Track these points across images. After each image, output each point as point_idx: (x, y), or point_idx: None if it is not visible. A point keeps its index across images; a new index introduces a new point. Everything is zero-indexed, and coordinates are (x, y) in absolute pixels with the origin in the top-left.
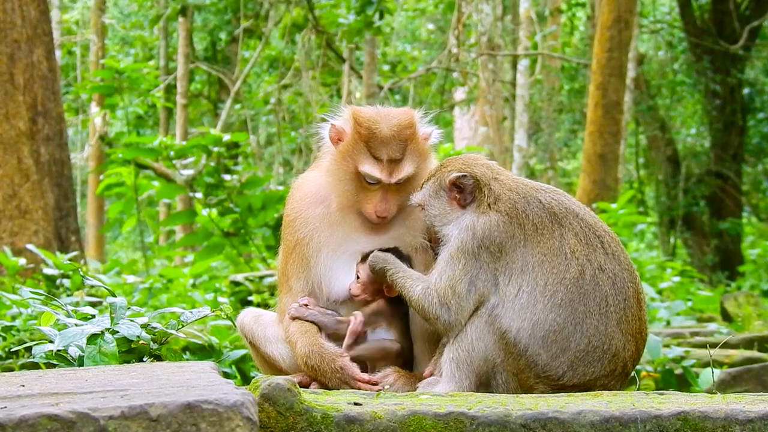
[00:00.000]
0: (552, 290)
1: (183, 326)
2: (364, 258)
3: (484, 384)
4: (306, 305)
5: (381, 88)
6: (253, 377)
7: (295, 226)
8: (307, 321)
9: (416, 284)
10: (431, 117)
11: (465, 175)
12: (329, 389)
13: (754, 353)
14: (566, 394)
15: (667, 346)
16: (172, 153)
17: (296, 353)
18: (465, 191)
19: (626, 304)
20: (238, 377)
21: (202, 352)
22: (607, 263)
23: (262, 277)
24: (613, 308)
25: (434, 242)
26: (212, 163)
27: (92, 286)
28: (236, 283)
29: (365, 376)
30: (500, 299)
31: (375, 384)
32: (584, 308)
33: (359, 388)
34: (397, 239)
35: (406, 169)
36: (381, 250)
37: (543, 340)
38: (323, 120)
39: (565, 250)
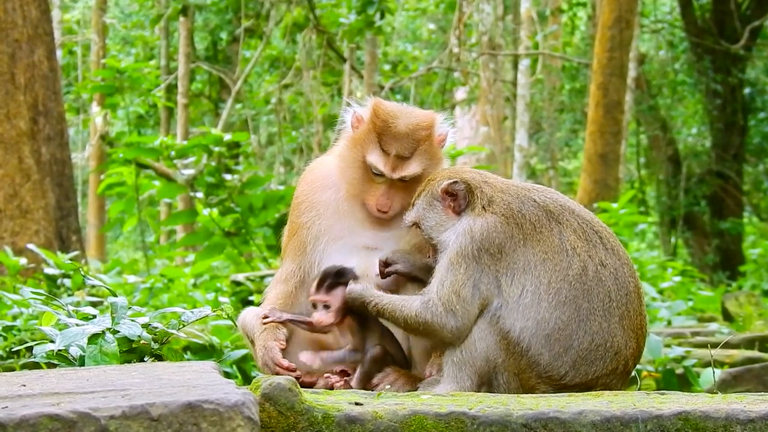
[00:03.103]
0: (556, 288)
1: (184, 326)
2: (332, 285)
3: (485, 384)
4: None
5: (382, 87)
6: (254, 377)
7: (300, 210)
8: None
9: (409, 303)
10: (450, 121)
11: (456, 181)
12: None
13: (755, 353)
14: (567, 393)
15: (668, 345)
16: (173, 153)
17: (251, 323)
18: (458, 197)
19: (628, 300)
20: (239, 377)
21: (203, 351)
22: (607, 258)
23: (263, 277)
24: (616, 304)
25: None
26: (213, 163)
27: (93, 286)
28: (237, 283)
29: (284, 362)
30: (503, 300)
31: (293, 371)
32: (588, 305)
33: (278, 373)
34: (397, 237)
35: (411, 168)
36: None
37: (546, 338)
38: (348, 105)
39: (565, 247)
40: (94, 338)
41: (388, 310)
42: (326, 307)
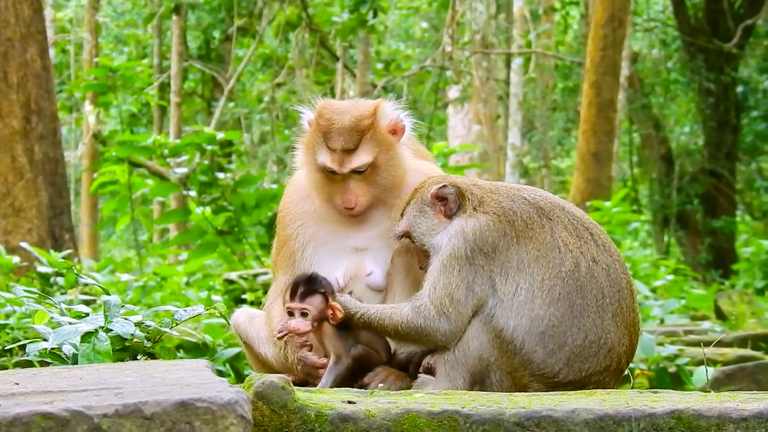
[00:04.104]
0: (549, 285)
1: (177, 324)
2: (306, 293)
3: (478, 383)
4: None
5: (375, 86)
6: (247, 375)
7: (285, 222)
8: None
9: (399, 309)
10: (404, 107)
11: (445, 185)
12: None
13: (747, 351)
14: (560, 392)
15: (660, 344)
16: (165, 151)
17: (273, 336)
18: (449, 201)
19: (620, 296)
20: (232, 375)
21: (196, 350)
22: (599, 255)
23: (255, 275)
24: (609, 300)
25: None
26: (206, 162)
27: (86, 285)
28: (230, 282)
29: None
30: (498, 299)
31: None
32: (582, 301)
33: (318, 376)
34: (384, 235)
35: (359, 159)
36: (305, 280)
37: (540, 336)
38: (301, 113)
39: (558, 244)
40: (87, 336)
41: (376, 319)
42: (303, 314)
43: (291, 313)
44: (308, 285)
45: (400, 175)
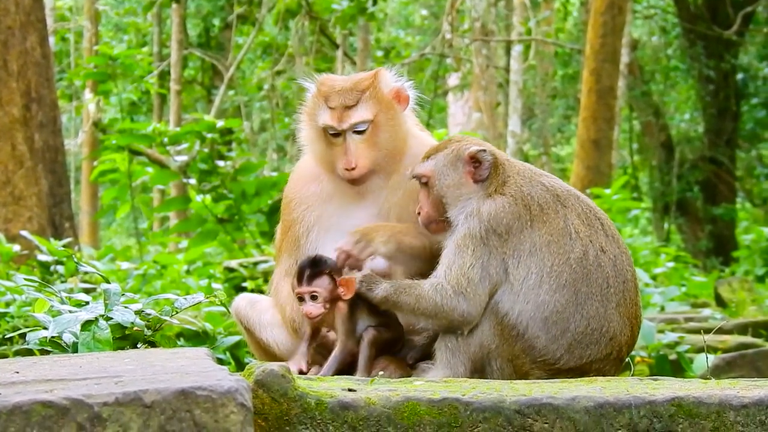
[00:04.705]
0: (558, 271)
1: (177, 312)
2: (312, 276)
3: (478, 370)
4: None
5: None
6: (247, 363)
7: (291, 207)
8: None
9: (419, 284)
10: (405, 80)
11: (485, 150)
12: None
13: (748, 339)
14: (560, 380)
15: (661, 331)
16: (165, 139)
17: (284, 317)
18: (482, 166)
19: (625, 287)
20: (232, 363)
21: (197, 338)
22: (608, 245)
23: (256, 263)
24: (613, 290)
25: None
26: (206, 150)
27: (86, 273)
28: (230, 270)
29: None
30: (509, 285)
31: None
32: (587, 289)
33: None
34: (390, 210)
35: (358, 115)
36: (311, 261)
37: (544, 321)
38: (305, 89)
39: (570, 231)
40: (87, 325)
41: (396, 290)
42: (313, 297)
43: (301, 298)
44: (313, 267)
45: (402, 138)
